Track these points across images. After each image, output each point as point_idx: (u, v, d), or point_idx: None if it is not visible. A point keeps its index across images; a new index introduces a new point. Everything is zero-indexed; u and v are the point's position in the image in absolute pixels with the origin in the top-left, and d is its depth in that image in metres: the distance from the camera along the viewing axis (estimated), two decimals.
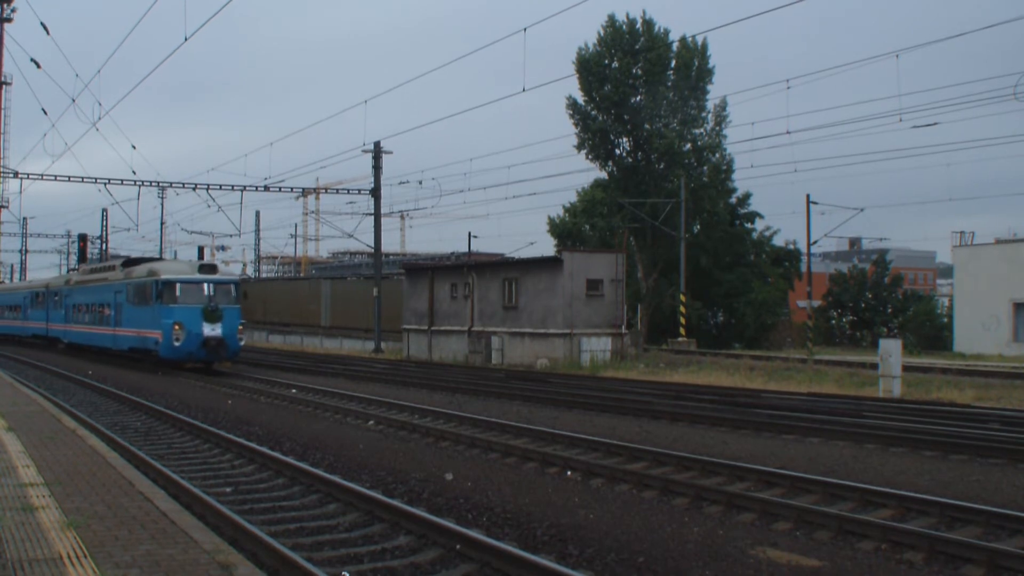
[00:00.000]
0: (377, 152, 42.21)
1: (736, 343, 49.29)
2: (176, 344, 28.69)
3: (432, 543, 8.45)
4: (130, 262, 35.33)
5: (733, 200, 52.99)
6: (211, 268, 31.33)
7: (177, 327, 28.65)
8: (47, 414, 16.02)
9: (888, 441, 14.32)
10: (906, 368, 24.90)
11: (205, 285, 29.63)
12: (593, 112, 49.39)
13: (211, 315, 28.98)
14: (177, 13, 21.83)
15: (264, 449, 13.56)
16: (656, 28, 49.35)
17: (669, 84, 48.32)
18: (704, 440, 14.90)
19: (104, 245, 66.49)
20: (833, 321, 56.47)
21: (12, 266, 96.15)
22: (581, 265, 34.02)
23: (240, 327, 30.14)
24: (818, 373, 27.91)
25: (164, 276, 29.80)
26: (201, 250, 59.39)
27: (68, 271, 54.76)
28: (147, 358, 31.49)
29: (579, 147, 49.79)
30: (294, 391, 23.33)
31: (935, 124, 28.08)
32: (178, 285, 29.44)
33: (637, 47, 48.54)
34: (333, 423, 17.28)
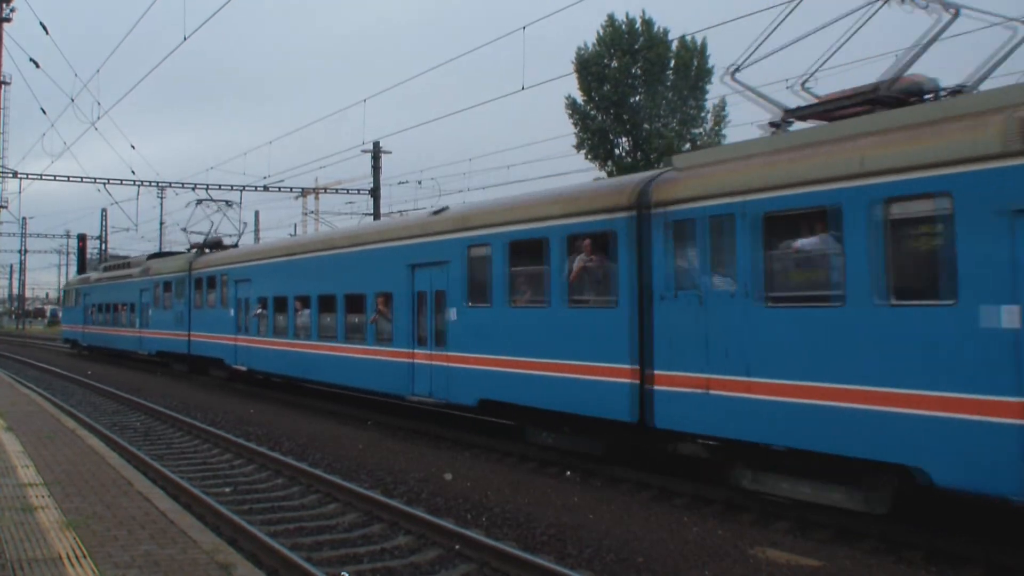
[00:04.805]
0: (376, 152, 42.20)
1: None
2: None
3: (431, 543, 8.46)
4: None
5: None
6: None
7: None
8: (46, 414, 16.02)
9: None
10: None
11: None
12: (592, 112, 49.45)
13: None
14: (176, 13, 21.81)
15: (263, 449, 13.56)
16: (655, 28, 49.42)
17: (668, 84, 48.36)
18: None
19: (103, 245, 66.46)
20: None
21: (11, 266, 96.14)
22: None
23: None
24: None
25: None
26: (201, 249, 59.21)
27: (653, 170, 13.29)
28: None
29: (578, 147, 49.82)
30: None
31: None
32: None
33: (636, 47, 48.58)
34: (333, 423, 17.28)
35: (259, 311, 21.48)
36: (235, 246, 29.05)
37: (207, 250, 28.17)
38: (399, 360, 15.37)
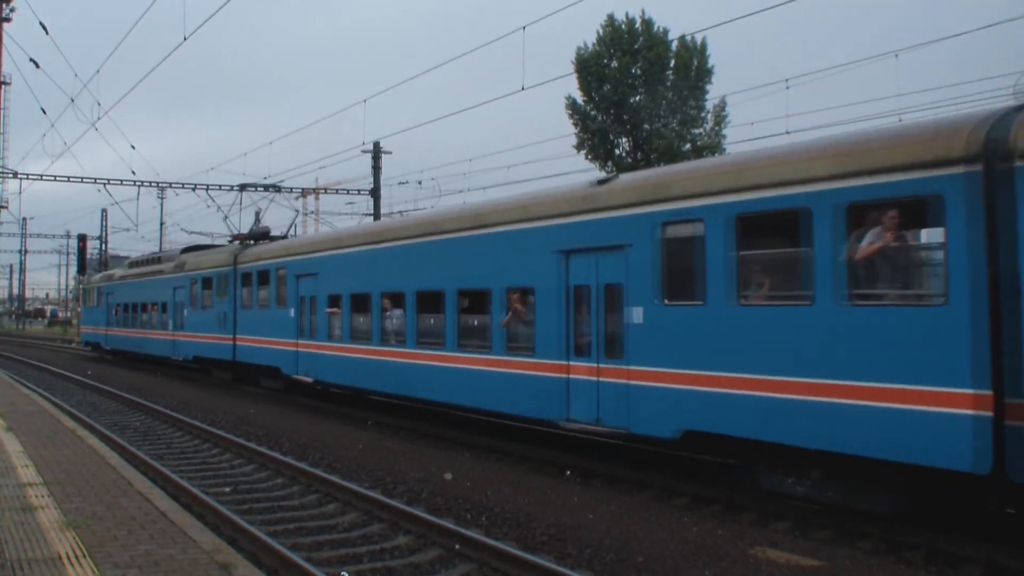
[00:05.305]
0: (376, 152, 42.20)
1: None
2: None
3: (431, 543, 8.46)
4: None
5: None
6: None
7: None
8: (46, 414, 16.02)
9: None
10: None
11: None
12: (592, 112, 49.48)
13: None
14: (176, 12, 21.81)
15: (263, 449, 13.56)
16: (655, 27, 49.45)
17: (668, 84, 48.38)
18: None
19: (104, 245, 66.47)
20: None
21: (11, 266, 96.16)
22: None
23: None
24: None
25: None
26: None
27: None
28: None
29: (578, 147, 49.83)
30: None
31: None
32: None
33: (636, 46, 48.61)
34: (333, 423, 17.27)
35: (331, 311, 18.27)
36: (284, 237, 25.96)
37: (252, 242, 25.09)
38: (546, 375, 12.10)
